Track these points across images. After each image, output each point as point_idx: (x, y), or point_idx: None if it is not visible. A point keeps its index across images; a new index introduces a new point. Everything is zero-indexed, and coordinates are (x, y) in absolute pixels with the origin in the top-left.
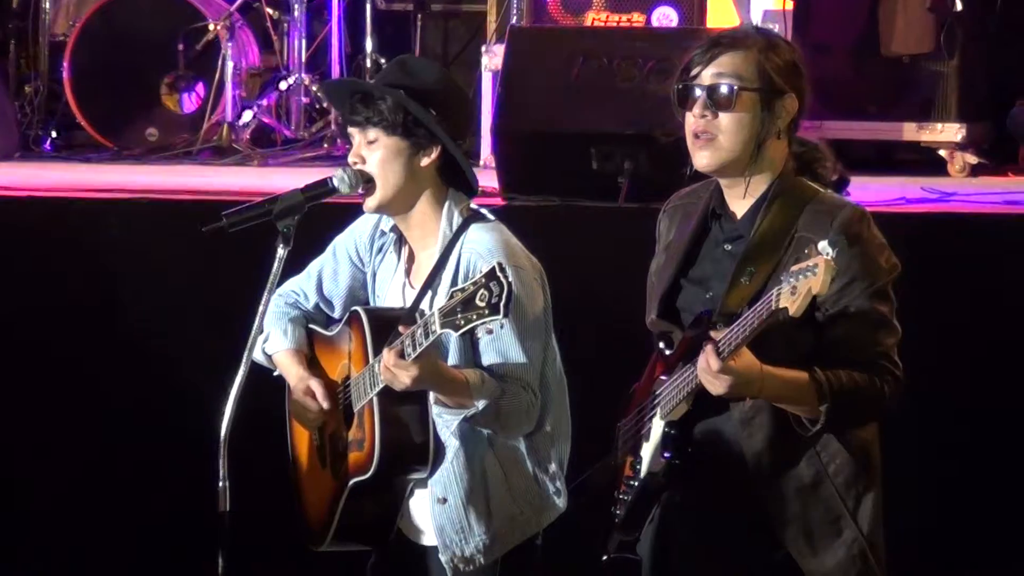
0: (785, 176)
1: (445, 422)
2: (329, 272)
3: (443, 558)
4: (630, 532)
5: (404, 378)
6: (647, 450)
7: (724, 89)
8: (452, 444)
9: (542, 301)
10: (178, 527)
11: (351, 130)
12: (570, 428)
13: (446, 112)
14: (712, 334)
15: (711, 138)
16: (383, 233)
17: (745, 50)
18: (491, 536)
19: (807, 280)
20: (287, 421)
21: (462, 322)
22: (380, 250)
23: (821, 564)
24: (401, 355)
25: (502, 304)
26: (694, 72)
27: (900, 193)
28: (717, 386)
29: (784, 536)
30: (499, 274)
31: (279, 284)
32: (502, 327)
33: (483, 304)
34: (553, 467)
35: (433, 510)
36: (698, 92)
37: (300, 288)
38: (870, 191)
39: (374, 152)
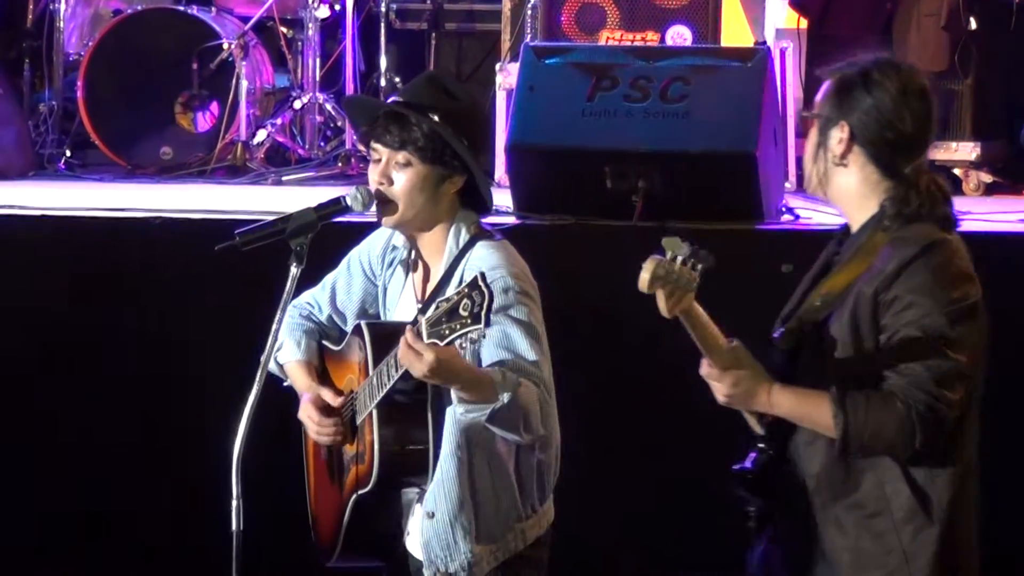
0: (888, 205)
1: (447, 436)
2: (343, 285)
3: (427, 574)
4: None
5: (423, 359)
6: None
7: (808, 111)
8: (446, 460)
9: (540, 316)
10: (191, 546)
11: (376, 146)
12: (558, 455)
13: (475, 137)
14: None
15: None
16: (394, 248)
17: (831, 79)
18: (477, 554)
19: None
20: (302, 436)
21: (447, 332)
22: (391, 264)
23: None
24: (419, 336)
25: (483, 313)
26: None
27: None
28: (716, 394)
29: (838, 563)
30: (480, 283)
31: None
32: (484, 335)
33: (466, 314)
34: (537, 492)
35: (422, 525)
36: None
37: (315, 300)
38: None
39: (402, 175)
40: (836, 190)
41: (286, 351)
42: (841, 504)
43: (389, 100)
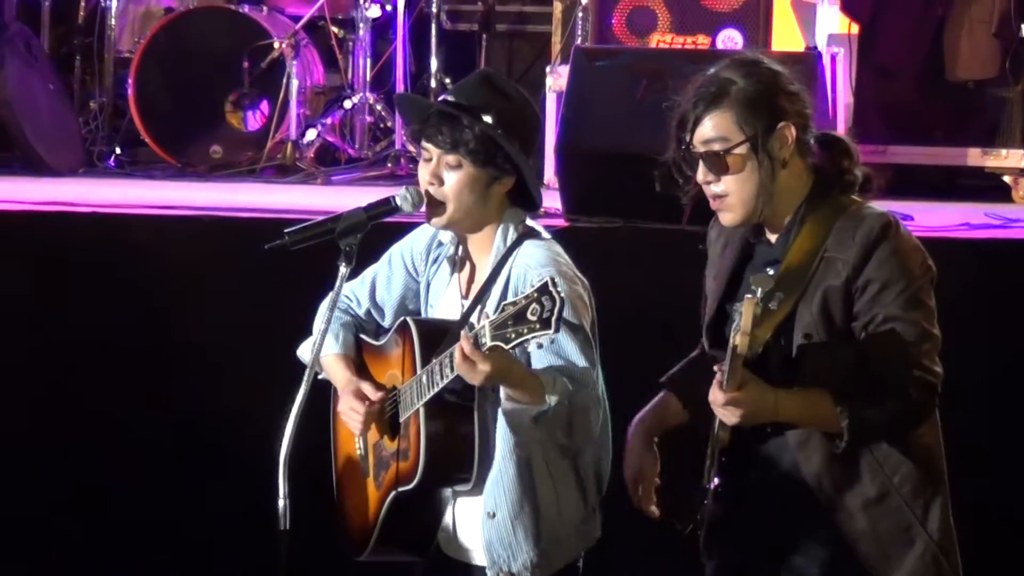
0: (813, 195)
1: (502, 435)
2: (383, 279)
3: (489, 574)
4: (712, 556)
5: (477, 368)
6: (711, 477)
7: (714, 155)
8: (504, 459)
9: (590, 317)
10: (235, 544)
11: (427, 146)
12: (611, 456)
13: (526, 137)
14: (715, 368)
15: (723, 199)
16: (440, 244)
17: (720, 109)
18: (539, 554)
19: (739, 319)
20: (331, 430)
21: (513, 336)
22: (435, 261)
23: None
24: (476, 344)
25: (553, 319)
26: (688, 137)
27: (964, 219)
28: (728, 417)
29: (856, 551)
30: (551, 289)
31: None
32: (552, 342)
33: (534, 318)
34: (595, 492)
35: (483, 525)
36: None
37: (353, 293)
38: (934, 216)
39: (453, 175)
40: (778, 196)
41: (324, 345)
42: (847, 495)
43: (441, 98)
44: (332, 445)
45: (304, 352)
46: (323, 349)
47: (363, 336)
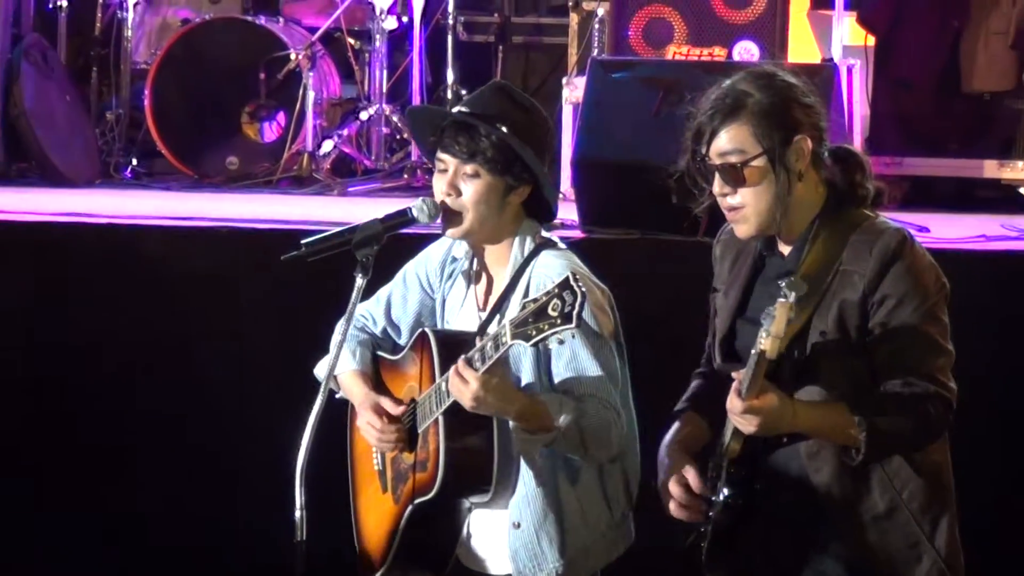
0: (827, 208)
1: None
2: (398, 298)
3: None
4: (715, 569)
5: (470, 388)
6: (720, 488)
7: (731, 167)
8: (528, 470)
9: (612, 325)
10: (249, 556)
11: (443, 157)
12: (639, 464)
13: (542, 145)
14: (734, 375)
15: (739, 210)
16: (454, 259)
17: (737, 121)
18: (564, 563)
19: (770, 323)
20: (348, 447)
21: (533, 332)
22: (450, 276)
23: None
24: (470, 364)
25: (575, 313)
26: (703, 149)
27: (980, 231)
28: (746, 425)
29: (863, 565)
30: (572, 283)
31: None
32: (573, 336)
33: (555, 314)
34: (624, 501)
35: (509, 536)
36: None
37: (369, 312)
38: (950, 228)
39: (470, 185)
40: (793, 208)
41: (340, 362)
42: (856, 508)
43: (455, 110)
44: (349, 463)
45: (321, 371)
46: (340, 366)
47: (380, 352)
